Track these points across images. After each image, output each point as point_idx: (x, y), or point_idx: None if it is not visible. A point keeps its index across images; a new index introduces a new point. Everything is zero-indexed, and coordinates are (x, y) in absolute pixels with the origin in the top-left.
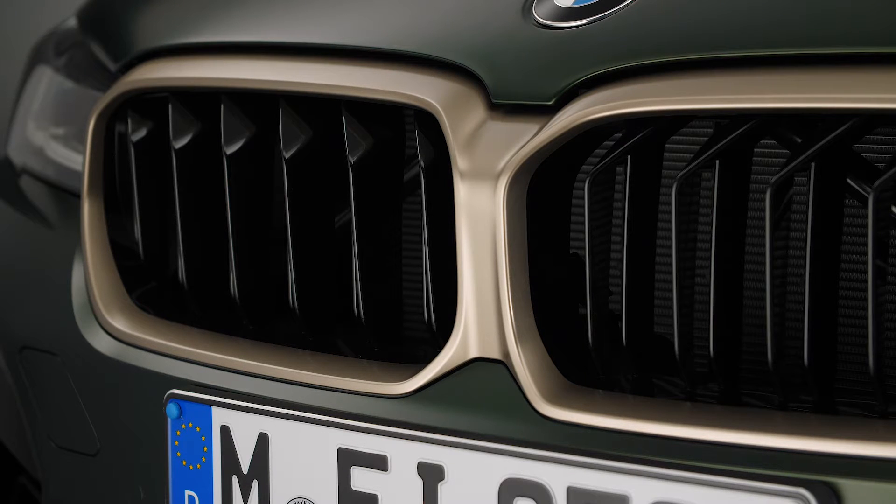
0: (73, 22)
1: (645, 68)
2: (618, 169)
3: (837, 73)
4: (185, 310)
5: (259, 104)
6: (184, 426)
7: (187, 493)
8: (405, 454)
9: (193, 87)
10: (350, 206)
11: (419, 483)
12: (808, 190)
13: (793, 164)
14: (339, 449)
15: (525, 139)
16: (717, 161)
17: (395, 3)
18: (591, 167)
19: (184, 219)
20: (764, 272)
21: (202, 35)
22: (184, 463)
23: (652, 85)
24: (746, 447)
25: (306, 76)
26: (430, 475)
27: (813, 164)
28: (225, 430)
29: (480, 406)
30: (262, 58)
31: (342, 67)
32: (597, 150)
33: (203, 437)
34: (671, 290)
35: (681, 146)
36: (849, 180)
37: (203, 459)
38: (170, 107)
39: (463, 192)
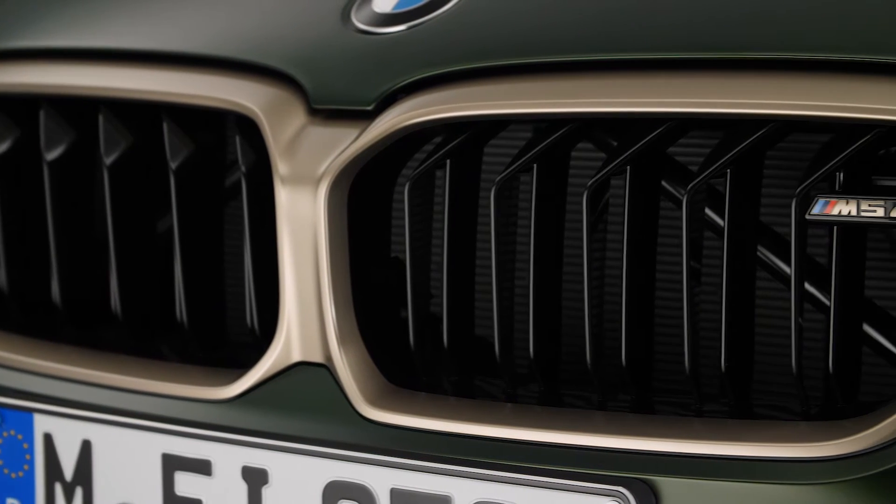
0: None
1: (465, 73)
2: (438, 173)
3: (650, 78)
4: (7, 316)
5: (82, 111)
6: (5, 434)
7: (9, 501)
8: (229, 458)
9: (12, 94)
10: (172, 211)
11: (244, 487)
12: (624, 193)
13: (608, 168)
14: (163, 454)
15: (345, 144)
16: (535, 164)
17: (216, 9)
18: (412, 171)
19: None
20: (582, 274)
21: (22, 40)
22: (6, 471)
23: (470, 90)
24: (566, 447)
25: (127, 82)
26: (255, 479)
27: (628, 168)
28: (48, 438)
29: (304, 409)
30: (84, 63)
31: (163, 73)
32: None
33: (25, 445)
34: (491, 293)
35: (501, 150)
36: (664, 183)
37: (25, 467)
38: None
39: (284, 197)
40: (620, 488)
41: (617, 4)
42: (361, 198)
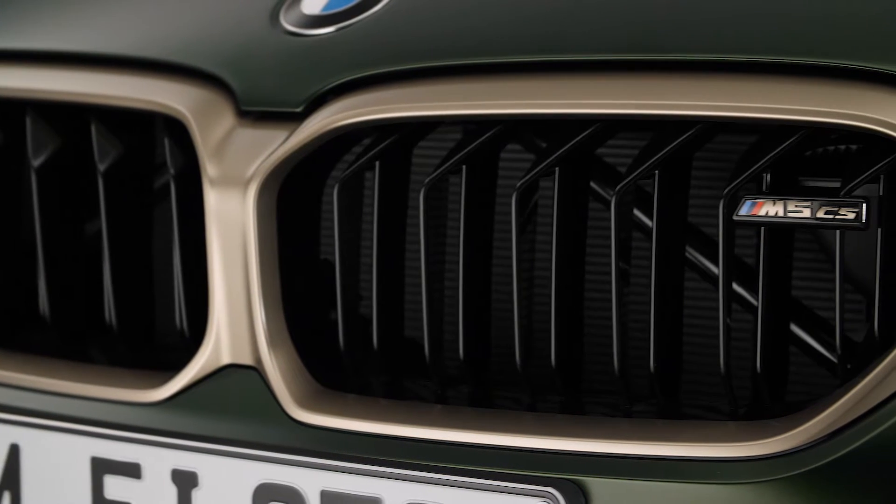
0: None
1: (394, 75)
2: (367, 174)
3: (578, 80)
4: None
5: (9, 112)
6: None
7: None
8: (159, 461)
9: None
10: (101, 213)
11: (173, 490)
12: (553, 194)
13: (537, 169)
14: (92, 458)
15: (274, 146)
16: (464, 166)
17: (144, 11)
18: (341, 172)
19: None
20: (511, 275)
21: None
22: None
23: (398, 91)
24: (496, 448)
25: (54, 84)
26: (184, 482)
27: (557, 169)
28: None
29: (234, 412)
30: (9, 65)
31: (91, 75)
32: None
33: None
34: (421, 294)
35: (430, 151)
36: (592, 184)
37: None
38: None
39: (213, 200)
40: (550, 489)
41: (547, 7)
42: (291, 200)
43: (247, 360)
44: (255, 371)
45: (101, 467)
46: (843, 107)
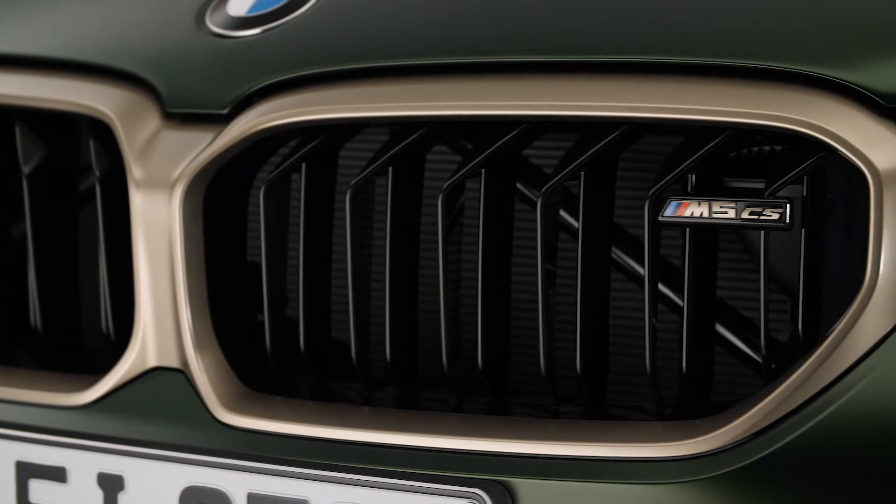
0: None
1: (320, 76)
2: (294, 176)
3: (504, 81)
4: None
5: None
6: None
7: None
8: (85, 465)
9: None
10: (25, 216)
11: (99, 494)
12: (480, 195)
13: (463, 171)
14: (17, 462)
15: (200, 148)
16: (391, 167)
17: (70, 12)
18: (268, 174)
19: None
20: (438, 276)
21: None
22: None
23: (324, 93)
24: (423, 449)
25: None
26: (110, 486)
27: (483, 170)
28: None
29: (160, 415)
30: None
31: (16, 77)
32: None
33: None
34: (348, 296)
35: (357, 153)
36: (518, 185)
37: None
38: None
39: (139, 202)
40: (477, 490)
41: (474, 10)
42: (217, 202)
43: (173, 362)
44: (181, 374)
45: (26, 471)
46: (767, 108)
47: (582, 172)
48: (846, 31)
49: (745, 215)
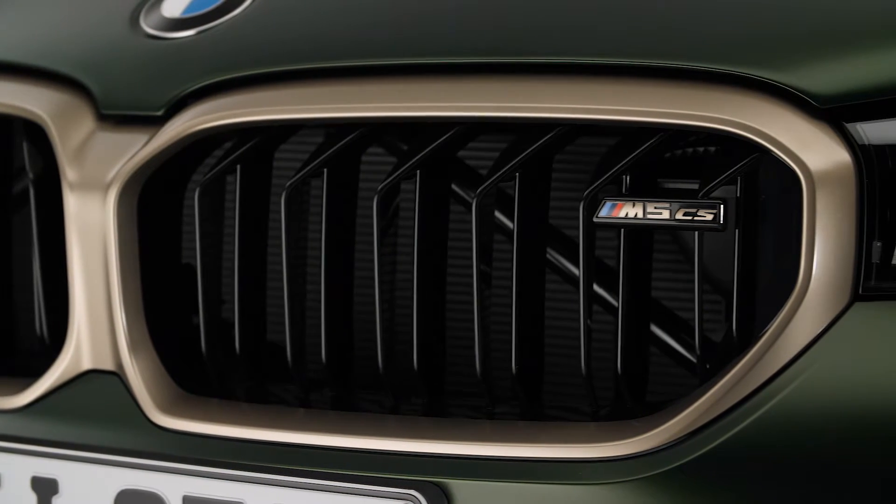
0: None
1: (254, 78)
2: (229, 178)
3: (438, 83)
4: None
5: None
6: None
7: None
8: (18, 469)
9: None
10: None
11: (33, 498)
12: (415, 197)
13: (398, 172)
14: None
15: (134, 150)
16: (326, 169)
17: (3, 14)
18: (203, 176)
19: None
20: (373, 278)
21: None
22: None
23: (259, 95)
24: (359, 451)
25: None
26: (44, 489)
27: (418, 172)
28: None
29: (95, 418)
30: None
31: None
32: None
33: None
34: (283, 298)
35: (292, 154)
36: (454, 186)
37: None
38: None
39: (73, 204)
40: (413, 491)
41: (410, 11)
42: (152, 204)
43: (108, 365)
44: (116, 376)
45: None
46: (701, 109)
47: (517, 174)
48: (780, 33)
49: (679, 216)
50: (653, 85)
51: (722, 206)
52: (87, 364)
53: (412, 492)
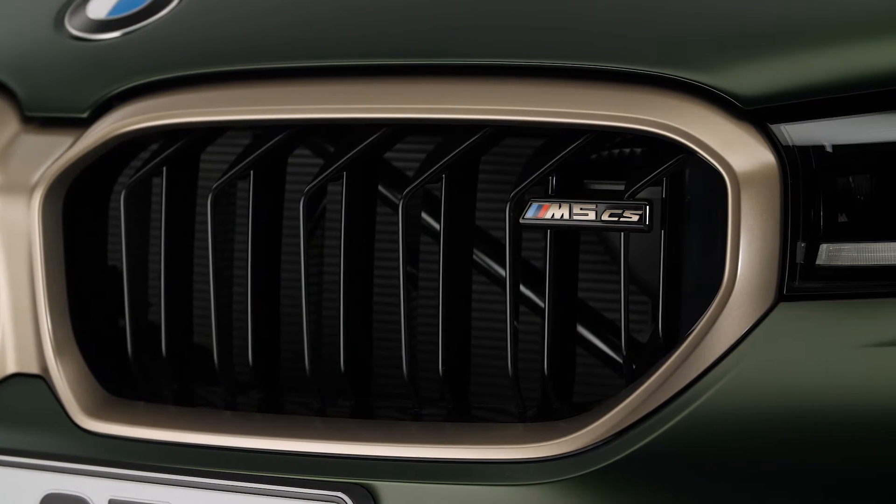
0: None
1: (180, 80)
2: (155, 180)
3: (367, 84)
4: None
5: None
6: None
7: None
8: None
9: None
10: None
11: None
12: (341, 198)
13: (325, 174)
14: None
15: (59, 152)
16: (252, 171)
17: None
18: (128, 179)
19: None
20: (300, 280)
21: None
22: None
23: (184, 97)
24: (286, 453)
25: None
26: None
27: (345, 174)
28: None
29: (20, 421)
30: None
31: None
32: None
33: None
34: (210, 301)
35: (219, 156)
36: (380, 188)
37: None
38: None
39: None
40: (339, 493)
41: (336, 13)
42: (78, 206)
43: (33, 368)
44: (41, 380)
45: None
46: (627, 111)
47: (443, 175)
48: (705, 35)
49: (605, 217)
50: (579, 86)
51: (648, 206)
52: (11, 367)
53: (339, 494)
